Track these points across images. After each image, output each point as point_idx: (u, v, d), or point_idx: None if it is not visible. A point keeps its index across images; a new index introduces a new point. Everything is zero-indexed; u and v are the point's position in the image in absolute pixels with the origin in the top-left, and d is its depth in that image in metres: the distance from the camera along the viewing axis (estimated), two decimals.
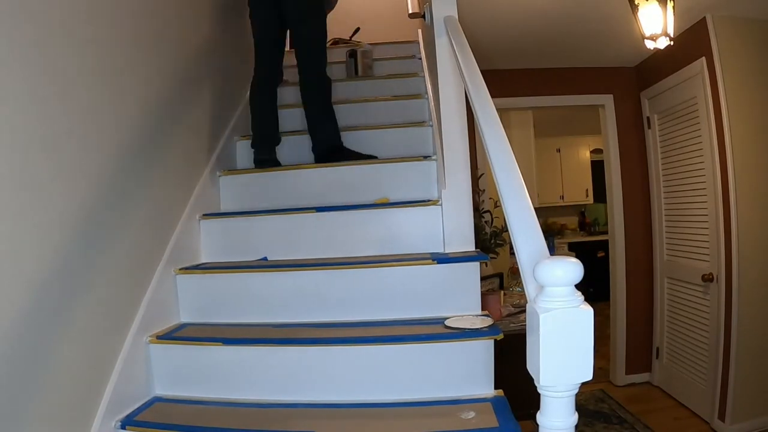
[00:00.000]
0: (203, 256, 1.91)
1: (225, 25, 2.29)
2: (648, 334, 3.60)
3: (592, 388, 3.56)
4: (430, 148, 2.16)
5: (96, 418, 1.28)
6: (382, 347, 1.42)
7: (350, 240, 1.80)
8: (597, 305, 0.86)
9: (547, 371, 0.68)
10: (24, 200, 1.11)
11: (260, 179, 2.10)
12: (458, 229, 1.71)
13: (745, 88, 2.69)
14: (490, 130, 1.06)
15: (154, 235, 1.64)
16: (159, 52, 1.74)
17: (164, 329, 1.59)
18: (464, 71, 1.29)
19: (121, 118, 1.48)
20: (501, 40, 3.03)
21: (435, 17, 1.70)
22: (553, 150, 6.53)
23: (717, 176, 2.76)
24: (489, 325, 1.42)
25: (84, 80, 1.32)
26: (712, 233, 2.86)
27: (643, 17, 2.28)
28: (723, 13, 2.67)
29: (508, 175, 0.95)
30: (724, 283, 2.73)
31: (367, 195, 1.97)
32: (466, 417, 1.25)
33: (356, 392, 1.41)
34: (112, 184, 1.42)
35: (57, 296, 1.19)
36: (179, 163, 1.84)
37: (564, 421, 0.70)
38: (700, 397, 2.97)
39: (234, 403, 1.44)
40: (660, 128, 3.41)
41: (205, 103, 2.11)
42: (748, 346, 2.66)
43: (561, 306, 0.68)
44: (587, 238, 6.35)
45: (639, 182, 3.61)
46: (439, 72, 1.72)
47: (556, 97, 3.65)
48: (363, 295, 1.61)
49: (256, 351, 1.49)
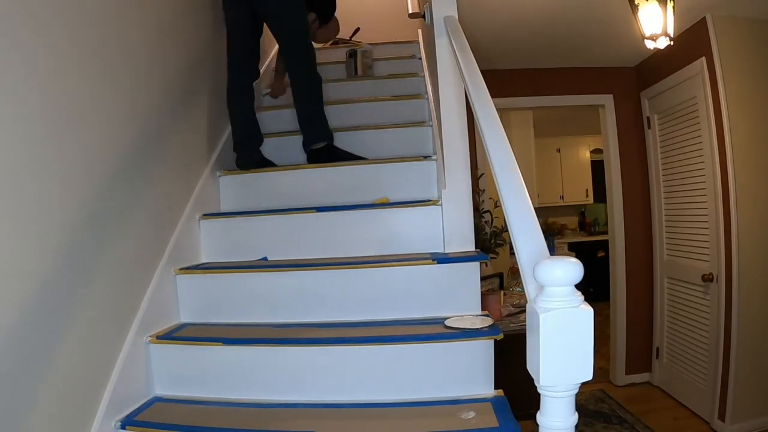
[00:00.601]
0: (203, 256, 1.91)
1: (222, 28, 2.29)
2: (648, 334, 3.60)
3: (592, 388, 3.56)
4: (430, 148, 2.16)
5: (96, 418, 1.28)
6: (382, 347, 1.42)
7: (350, 240, 1.80)
8: (597, 305, 0.86)
9: (547, 371, 0.68)
10: (24, 200, 1.11)
11: (260, 179, 2.09)
12: (458, 229, 1.71)
13: (745, 88, 2.69)
14: (490, 130, 1.06)
15: (154, 235, 1.64)
16: (160, 52, 1.74)
17: (164, 329, 1.59)
18: (464, 71, 1.29)
19: (122, 118, 1.48)
20: (501, 40, 3.03)
21: (435, 17, 1.70)
22: (553, 150, 6.53)
23: (717, 176, 2.76)
24: (489, 325, 1.42)
25: (85, 80, 1.32)
26: (712, 233, 2.86)
27: (643, 17, 2.28)
28: (723, 13, 2.67)
29: (508, 175, 0.95)
30: (724, 283, 2.73)
31: (367, 195, 1.97)
32: (466, 417, 1.25)
33: (356, 392, 1.41)
34: (112, 185, 1.42)
35: (57, 296, 1.19)
36: (179, 163, 1.84)
37: (564, 421, 0.70)
38: (700, 397, 2.97)
39: (234, 403, 1.44)
40: (660, 128, 3.41)
41: (205, 103, 2.11)
42: (748, 346, 2.66)
43: (561, 306, 0.68)
44: (587, 238, 6.35)
45: (639, 182, 3.61)
46: (439, 72, 1.72)
47: (556, 97, 3.64)
48: (363, 295, 1.61)
49: (256, 351, 1.49)
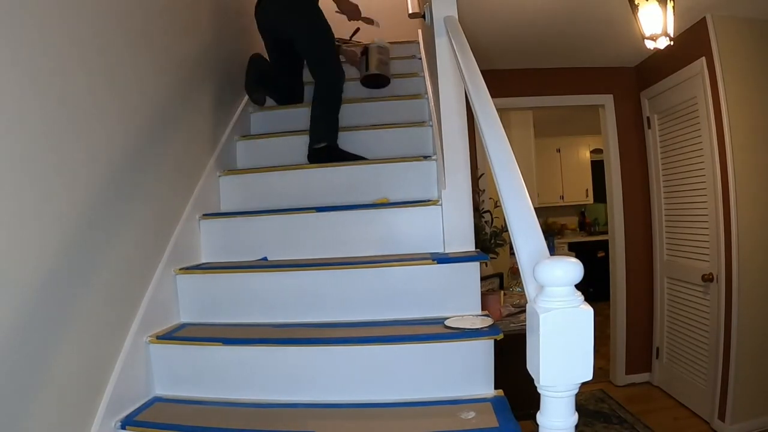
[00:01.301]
0: (203, 256, 1.91)
1: (223, 30, 2.30)
2: (648, 334, 3.60)
3: (592, 388, 3.56)
4: (430, 148, 2.16)
5: (96, 418, 1.28)
6: (382, 347, 1.42)
7: (350, 240, 1.80)
8: (597, 305, 0.86)
9: (547, 371, 0.68)
10: (24, 200, 1.11)
11: (260, 179, 2.09)
12: (458, 229, 1.71)
13: (745, 88, 2.69)
14: (490, 130, 1.06)
15: (155, 235, 1.64)
16: (161, 54, 1.74)
17: (164, 329, 1.59)
18: (464, 71, 1.29)
19: (122, 118, 1.48)
20: (501, 40, 3.02)
21: (435, 17, 1.70)
22: (553, 150, 6.53)
23: (717, 176, 2.75)
24: (489, 325, 1.42)
25: (86, 79, 1.32)
26: (712, 233, 2.86)
27: (643, 17, 2.27)
28: (723, 13, 2.66)
29: (508, 175, 0.95)
30: (724, 283, 2.73)
31: (367, 195, 1.97)
32: (466, 417, 1.25)
33: (356, 392, 1.41)
34: (112, 185, 1.42)
35: (57, 296, 1.19)
36: (179, 163, 1.84)
37: (564, 421, 0.70)
38: (700, 397, 2.97)
39: (234, 403, 1.44)
40: (660, 128, 3.41)
41: (205, 104, 2.11)
42: (748, 346, 2.66)
43: (561, 306, 0.68)
44: (587, 238, 6.35)
45: (639, 182, 3.61)
46: (439, 72, 1.72)
47: (556, 97, 3.64)
48: (363, 295, 1.61)
49: (256, 351, 1.49)
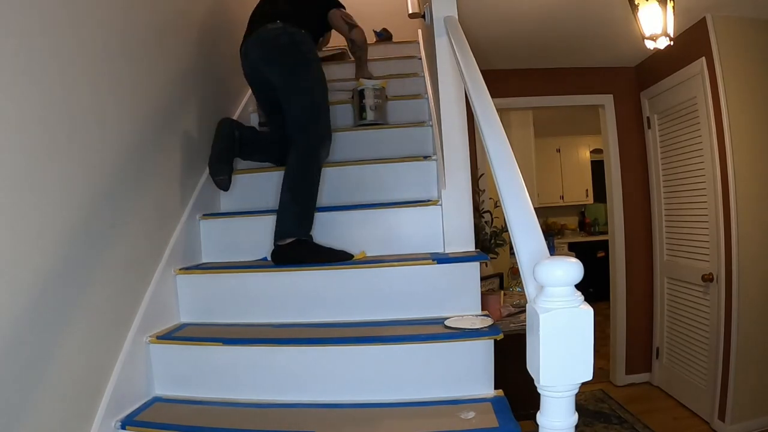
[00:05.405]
0: (203, 256, 1.91)
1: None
2: (648, 334, 3.60)
3: (592, 388, 3.56)
4: (430, 148, 2.16)
5: (96, 418, 1.28)
6: (382, 347, 1.42)
7: (350, 240, 1.80)
8: (597, 305, 0.86)
9: (547, 371, 0.68)
10: (24, 200, 1.11)
11: (260, 179, 2.09)
12: (458, 229, 1.71)
13: (745, 88, 2.69)
14: (490, 130, 1.06)
15: (155, 235, 1.64)
16: (161, 56, 1.74)
17: (164, 329, 1.59)
18: (464, 71, 1.29)
19: (123, 118, 1.48)
20: (501, 40, 3.02)
21: (435, 17, 1.70)
22: (553, 150, 6.53)
23: (717, 176, 2.75)
24: (489, 325, 1.42)
25: (86, 80, 1.32)
26: (712, 233, 2.85)
27: (643, 17, 2.27)
28: (723, 13, 2.66)
29: (508, 175, 0.95)
30: (724, 283, 2.73)
31: (367, 195, 1.97)
32: (466, 417, 1.25)
33: (356, 392, 1.41)
34: (112, 185, 1.42)
35: (57, 297, 1.19)
36: (180, 163, 1.84)
37: (564, 421, 0.70)
38: (700, 397, 2.97)
39: (234, 403, 1.44)
40: (660, 128, 3.41)
41: (206, 104, 2.11)
42: (748, 346, 2.66)
43: (561, 306, 0.68)
44: (587, 238, 6.34)
45: (639, 182, 3.61)
46: (439, 72, 1.72)
47: (556, 97, 3.64)
48: (363, 295, 1.62)
49: (256, 351, 1.49)
